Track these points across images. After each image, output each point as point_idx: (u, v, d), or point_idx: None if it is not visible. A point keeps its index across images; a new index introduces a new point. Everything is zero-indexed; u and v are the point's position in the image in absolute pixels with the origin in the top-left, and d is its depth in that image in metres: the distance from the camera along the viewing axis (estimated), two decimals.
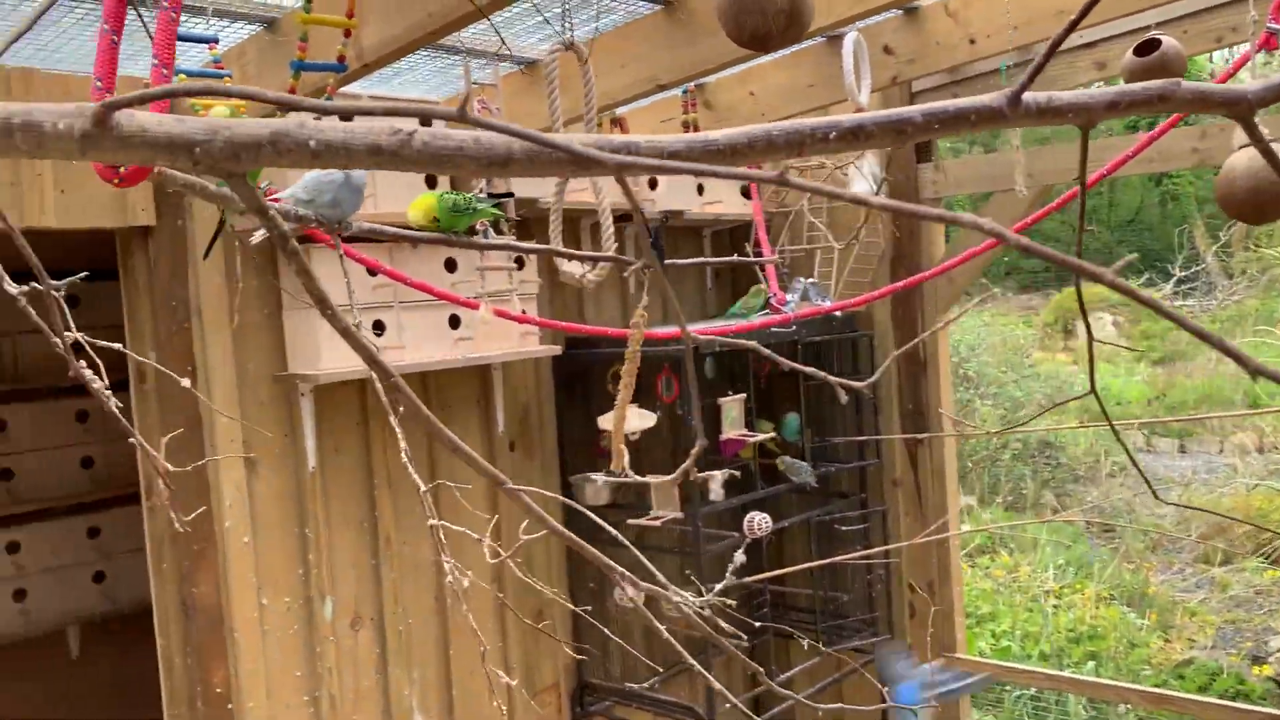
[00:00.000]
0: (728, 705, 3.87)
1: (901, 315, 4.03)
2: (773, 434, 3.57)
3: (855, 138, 0.66)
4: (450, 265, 3.13)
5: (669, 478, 1.86)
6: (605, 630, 2.96)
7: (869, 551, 3.90)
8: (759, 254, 3.62)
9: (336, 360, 2.83)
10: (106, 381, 1.14)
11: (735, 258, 2.02)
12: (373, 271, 2.95)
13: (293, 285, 2.88)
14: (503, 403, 3.51)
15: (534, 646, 3.62)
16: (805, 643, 3.47)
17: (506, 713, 3.51)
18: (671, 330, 2.96)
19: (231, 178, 0.57)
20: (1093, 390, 0.93)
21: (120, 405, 1.22)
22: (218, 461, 2.80)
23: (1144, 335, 12.77)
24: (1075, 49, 3.42)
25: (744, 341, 1.18)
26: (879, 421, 4.07)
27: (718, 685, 1.16)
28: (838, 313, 3.77)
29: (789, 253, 3.97)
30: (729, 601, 1.06)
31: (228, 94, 0.57)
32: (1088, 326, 0.92)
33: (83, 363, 1.16)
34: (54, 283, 1.22)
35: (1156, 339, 12.43)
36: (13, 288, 1.07)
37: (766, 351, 1.11)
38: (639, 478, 1.53)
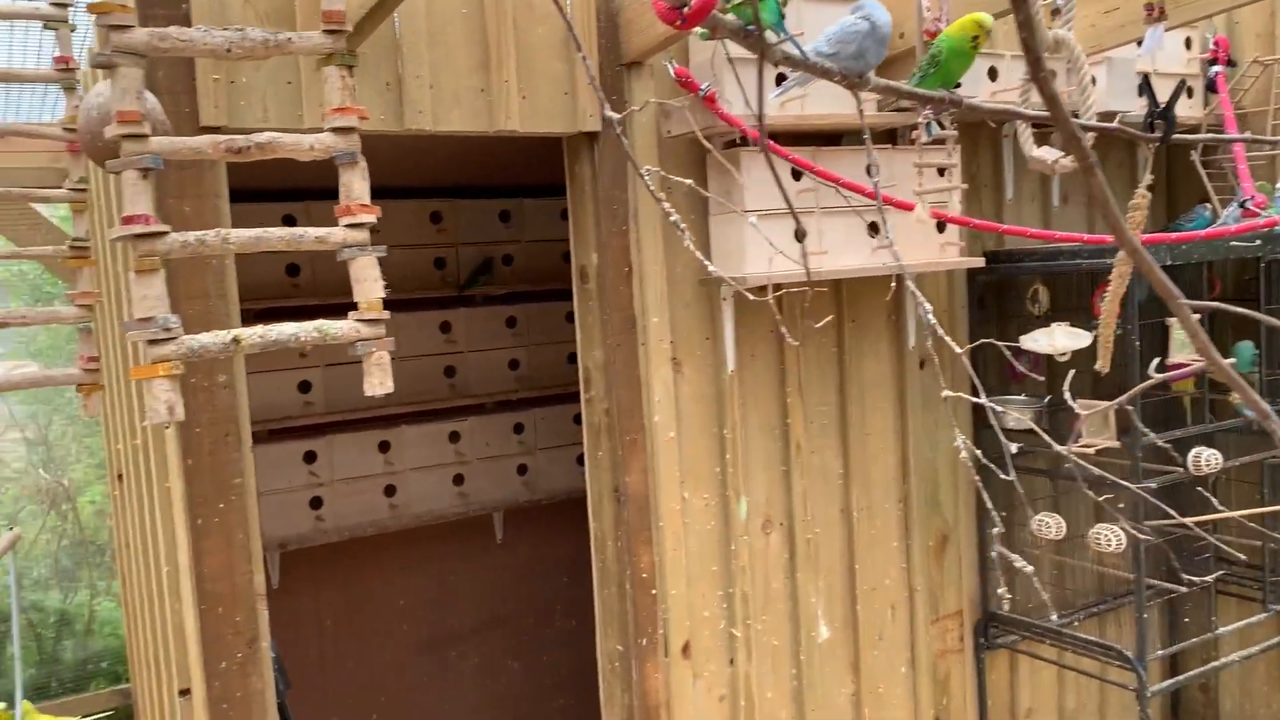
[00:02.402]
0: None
1: None
2: (1229, 361, 3.17)
3: None
4: (871, 171, 3.03)
5: (1106, 404, 1.67)
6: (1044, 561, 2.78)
7: None
8: (1210, 157, 3.19)
9: (759, 264, 2.85)
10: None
11: (1248, 135, 1.75)
12: (798, 174, 2.93)
13: (719, 189, 2.92)
14: (914, 317, 3.39)
15: (938, 571, 3.51)
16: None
17: (908, 633, 3.44)
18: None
19: None
20: None
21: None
22: (649, 359, 2.92)
23: None
24: None
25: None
26: None
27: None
28: None
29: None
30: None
31: None
32: None
33: (668, 204, 1.19)
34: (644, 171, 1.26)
35: None
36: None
37: None
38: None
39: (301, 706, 3.98)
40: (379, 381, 1.41)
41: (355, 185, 1.38)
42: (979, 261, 3.24)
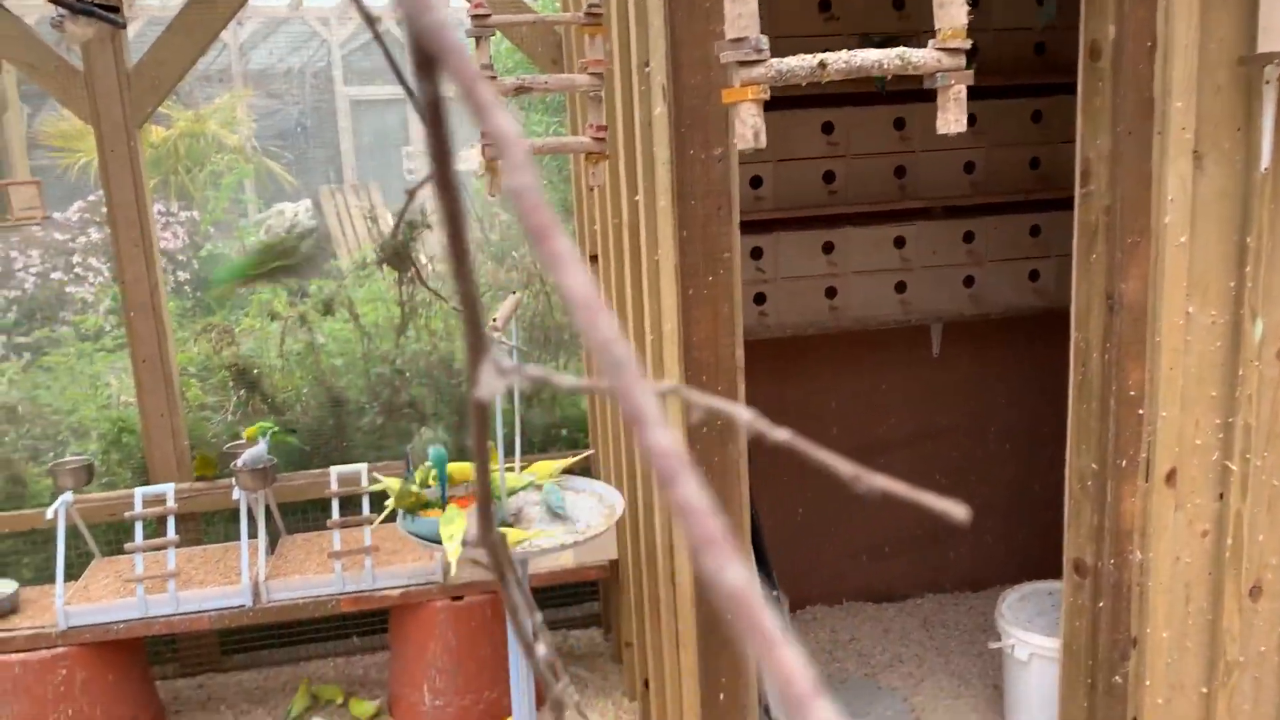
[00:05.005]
0: None
1: None
2: None
3: None
4: None
5: None
6: None
7: None
8: None
9: None
10: None
11: None
12: None
13: None
14: None
15: None
16: None
17: None
18: None
19: None
20: None
21: None
22: (1164, 150, 2.56)
23: None
24: None
25: None
26: None
27: None
28: None
29: None
30: None
31: None
32: None
33: None
34: None
35: None
36: None
37: None
38: None
39: None
40: (954, 119, 1.29)
41: None
42: None
